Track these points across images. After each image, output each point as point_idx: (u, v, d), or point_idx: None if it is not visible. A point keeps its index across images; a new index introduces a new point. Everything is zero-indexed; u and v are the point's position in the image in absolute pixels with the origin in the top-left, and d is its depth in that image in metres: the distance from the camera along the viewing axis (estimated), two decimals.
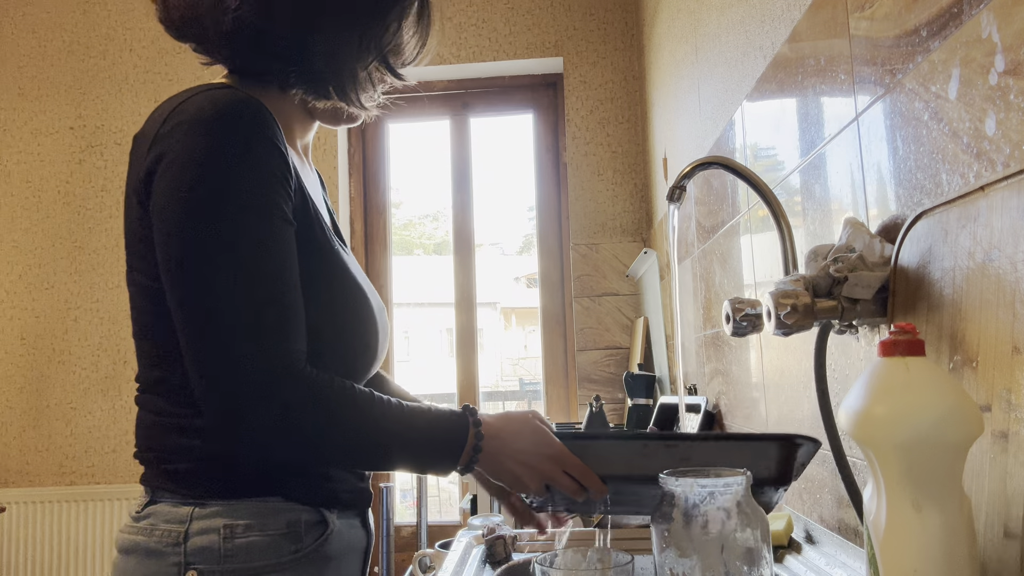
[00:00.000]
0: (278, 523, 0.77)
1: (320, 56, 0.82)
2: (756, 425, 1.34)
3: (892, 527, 0.51)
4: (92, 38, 3.08)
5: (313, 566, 0.79)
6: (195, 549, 0.75)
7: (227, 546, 0.75)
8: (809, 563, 0.92)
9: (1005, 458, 0.56)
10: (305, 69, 0.83)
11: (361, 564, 0.88)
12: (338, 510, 0.83)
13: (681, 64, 2.00)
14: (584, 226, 2.87)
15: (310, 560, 0.79)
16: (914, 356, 0.52)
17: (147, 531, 0.77)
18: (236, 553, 0.75)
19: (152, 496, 0.79)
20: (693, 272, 1.87)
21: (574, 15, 2.97)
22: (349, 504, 0.85)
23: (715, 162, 1.03)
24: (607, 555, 0.73)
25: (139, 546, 0.77)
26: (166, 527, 0.76)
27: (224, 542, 0.75)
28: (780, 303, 0.78)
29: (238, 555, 0.75)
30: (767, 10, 1.20)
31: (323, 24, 0.82)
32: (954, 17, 0.66)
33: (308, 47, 0.82)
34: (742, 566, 0.63)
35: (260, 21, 0.80)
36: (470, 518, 1.28)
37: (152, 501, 0.79)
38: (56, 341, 2.94)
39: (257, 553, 0.76)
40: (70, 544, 2.81)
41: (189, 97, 0.77)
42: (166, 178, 0.73)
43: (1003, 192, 0.59)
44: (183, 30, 0.85)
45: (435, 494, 4.01)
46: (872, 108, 0.84)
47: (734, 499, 0.64)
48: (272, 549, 0.76)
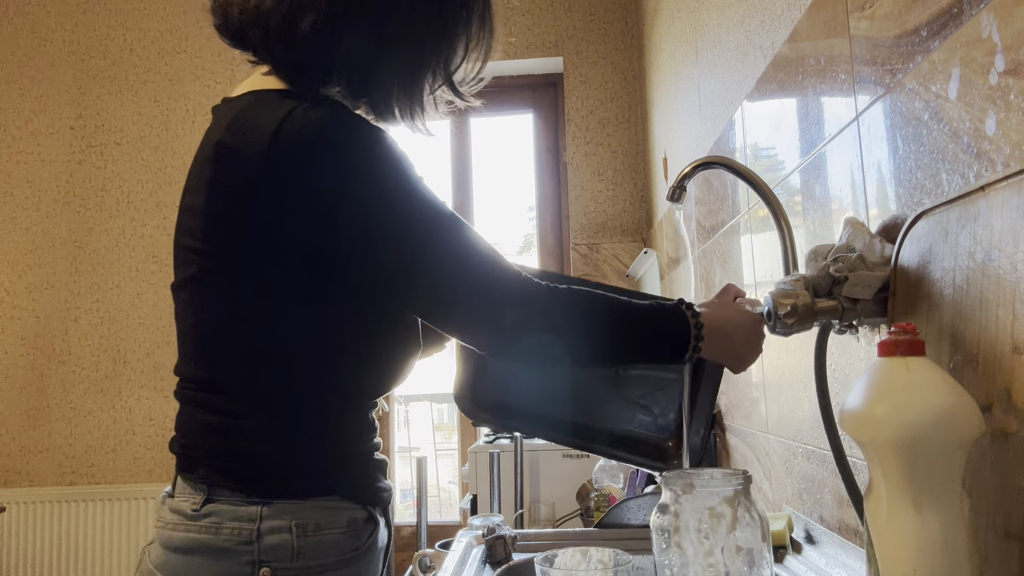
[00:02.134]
0: (340, 521, 0.80)
1: (394, 77, 0.86)
2: (757, 425, 1.34)
3: (892, 527, 0.51)
4: (92, 38, 3.08)
5: (367, 562, 0.83)
6: (268, 547, 0.76)
7: (299, 544, 0.77)
8: (809, 563, 0.92)
9: (1005, 458, 0.56)
10: (377, 91, 0.86)
11: (384, 559, 0.92)
12: (379, 508, 0.87)
13: (681, 64, 2.00)
14: (584, 226, 2.87)
15: (365, 556, 0.83)
16: (914, 356, 0.52)
17: (212, 529, 0.77)
18: (307, 551, 0.77)
19: (209, 494, 0.79)
20: (693, 272, 1.87)
21: (574, 15, 2.97)
22: (385, 502, 0.89)
23: (715, 162, 1.03)
24: (607, 555, 0.73)
25: (204, 544, 0.77)
26: (234, 525, 0.77)
27: (297, 540, 0.77)
28: (780, 303, 0.78)
29: (309, 552, 0.78)
30: (767, 10, 1.20)
31: (399, 46, 0.85)
32: (954, 17, 0.66)
33: (383, 67, 0.85)
34: (742, 566, 0.63)
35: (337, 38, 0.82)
36: (470, 518, 1.28)
37: (210, 499, 0.79)
38: (56, 341, 2.94)
39: (325, 550, 0.79)
40: (70, 544, 2.81)
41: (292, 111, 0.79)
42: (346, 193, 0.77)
43: (1003, 192, 0.59)
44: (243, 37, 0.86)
45: (435, 494, 4.01)
46: (872, 108, 0.84)
47: (734, 499, 0.64)
48: (337, 546, 0.80)
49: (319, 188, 0.76)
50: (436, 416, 4.53)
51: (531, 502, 2.01)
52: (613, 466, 1.83)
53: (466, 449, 2.32)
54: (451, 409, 4.23)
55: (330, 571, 0.79)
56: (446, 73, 0.89)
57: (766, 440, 1.27)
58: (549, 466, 2.03)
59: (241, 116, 0.81)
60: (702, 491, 0.65)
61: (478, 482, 2.03)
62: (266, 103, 0.81)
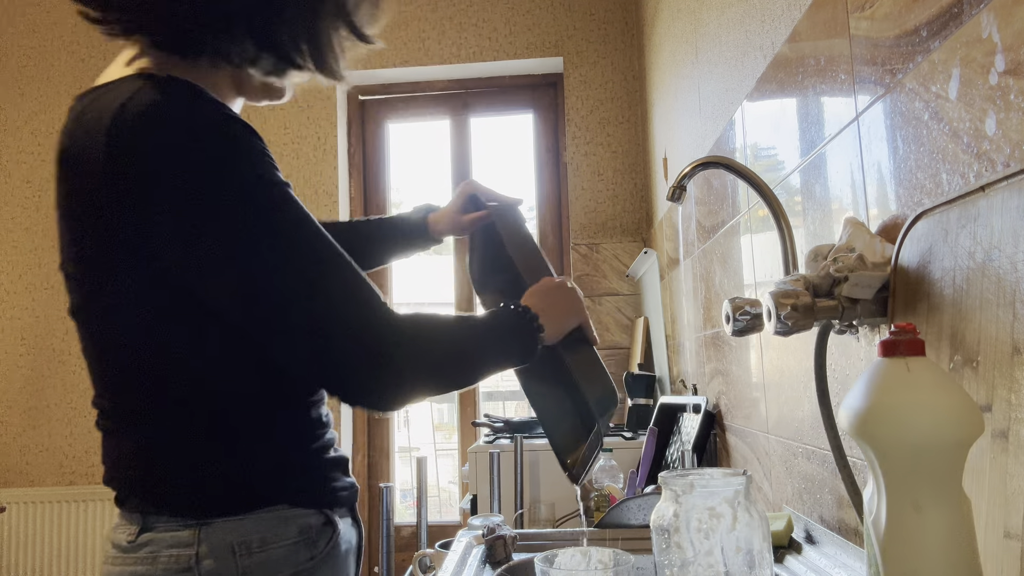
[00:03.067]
0: (290, 532, 0.75)
1: (295, 22, 0.78)
2: (757, 425, 1.34)
3: (892, 527, 0.51)
4: (92, 38, 3.08)
5: (328, 569, 0.78)
6: (209, 570, 0.71)
7: (244, 564, 0.72)
8: (809, 563, 0.92)
9: (1005, 458, 0.56)
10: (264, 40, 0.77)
11: (356, 560, 0.87)
12: (339, 509, 0.82)
13: (681, 64, 2.00)
14: (584, 226, 2.87)
15: (325, 564, 0.77)
16: (914, 356, 0.52)
17: (148, 560, 0.72)
18: (253, 570, 0.72)
19: (144, 523, 0.74)
20: (693, 272, 1.87)
21: (574, 15, 2.97)
22: (347, 501, 0.84)
23: (715, 162, 1.03)
24: (607, 555, 0.73)
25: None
26: (172, 552, 0.72)
27: (240, 560, 0.72)
28: (780, 303, 0.78)
29: (256, 572, 0.72)
30: (767, 10, 1.20)
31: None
32: (954, 17, 0.66)
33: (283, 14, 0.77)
34: (742, 566, 0.63)
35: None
36: (470, 518, 1.28)
37: (145, 528, 0.74)
38: (56, 341, 2.94)
39: (275, 566, 0.73)
40: (70, 544, 2.81)
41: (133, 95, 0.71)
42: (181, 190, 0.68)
43: (1003, 192, 0.59)
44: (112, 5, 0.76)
45: (435, 494, 4.01)
46: (872, 108, 0.84)
47: (734, 499, 0.64)
48: (290, 559, 0.74)
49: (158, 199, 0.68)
50: (436, 416, 4.53)
51: (531, 502, 2.01)
52: (613, 466, 1.83)
53: (466, 449, 2.32)
54: (451, 409, 4.23)
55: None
56: (344, 12, 0.82)
57: (766, 440, 1.27)
58: (549, 466, 2.03)
59: (81, 114, 0.74)
60: (702, 491, 0.65)
61: (478, 482, 2.03)
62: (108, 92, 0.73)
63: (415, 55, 2.97)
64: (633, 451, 2.03)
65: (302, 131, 2.99)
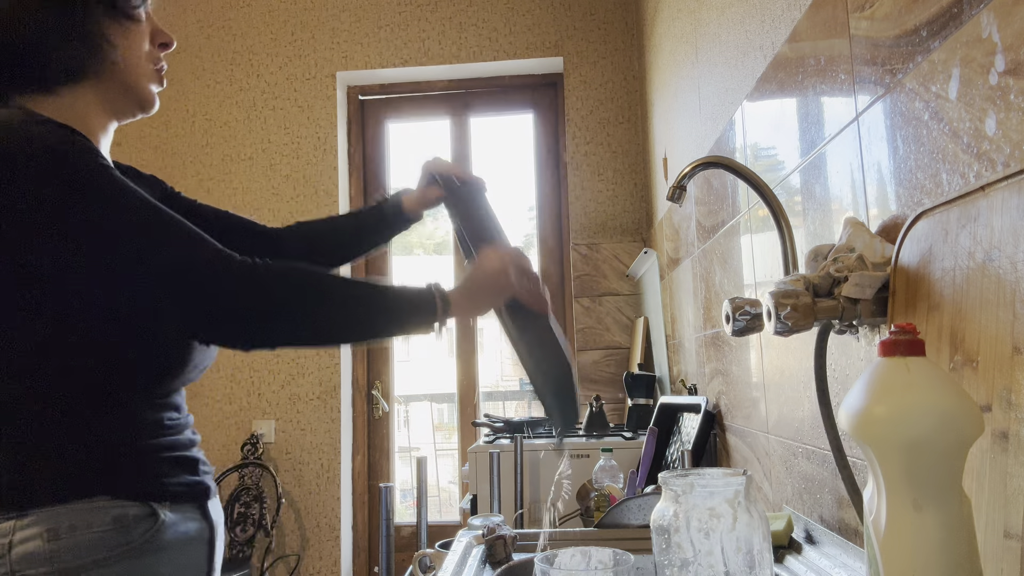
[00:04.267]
0: (103, 520, 0.80)
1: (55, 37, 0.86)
2: (757, 425, 1.34)
3: (892, 527, 0.51)
4: None
5: (146, 556, 0.82)
6: (19, 556, 0.77)
7: (51, 547, 0.77)
8: (809, 563, 0.92)
9: (1005, 458, 0.56)
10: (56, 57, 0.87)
11: (208, 553, 0.91)
12: (169, 503, 0.86)
13: (681, 64, 2.00)
14: (584, 226, 2.87)
15: (141, 551, 0.82)
16: (914, 356, 0.52)
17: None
18: (61, 553, 0.77)
19: None
20: (693, 272, 1.87)
21: (574, 15, 2.97)
22: (180, 497, 0.88)
23: (715, 162, 1.03)
24: (607, 555, 0.73)
25: None
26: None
27: (49, 544, 0.77)
28: (780, 303, 0.78)
29: (63, 554, 0.77)
30: (767, 10, 1.20)
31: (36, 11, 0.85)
32: (954, 17, 0.66)
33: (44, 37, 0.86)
34: (742, 566, 0.63)
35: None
36: (470, 518, 1.28)
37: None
38: None
39: (84, 550, 0.78)
40: None
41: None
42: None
43: (1003, 192, 0.59)
44: None
45: (435, 494, 4.01)
46: (872, 108, 0.84)
47: (734, 499, 0.64)
48: (99, 544, 0.79)
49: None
50: (436, 416, 4.53)
51: (531, 502, 2.01)
52: (613, 466, 1.83)
53: (466, 449, 2.32)
54: (451, 409, 4.23)
55: (92, 569, 0.78)
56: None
57: (766, 440, 1.27)
58: (549, 466, 2.03)
59: None
60: (702, 491, 0.65)
61: (478, 482, 2.03)
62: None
63: (415, 55, 2.97)
64: (633, 451, 2.03)
65: (302, 131, 2.99)
